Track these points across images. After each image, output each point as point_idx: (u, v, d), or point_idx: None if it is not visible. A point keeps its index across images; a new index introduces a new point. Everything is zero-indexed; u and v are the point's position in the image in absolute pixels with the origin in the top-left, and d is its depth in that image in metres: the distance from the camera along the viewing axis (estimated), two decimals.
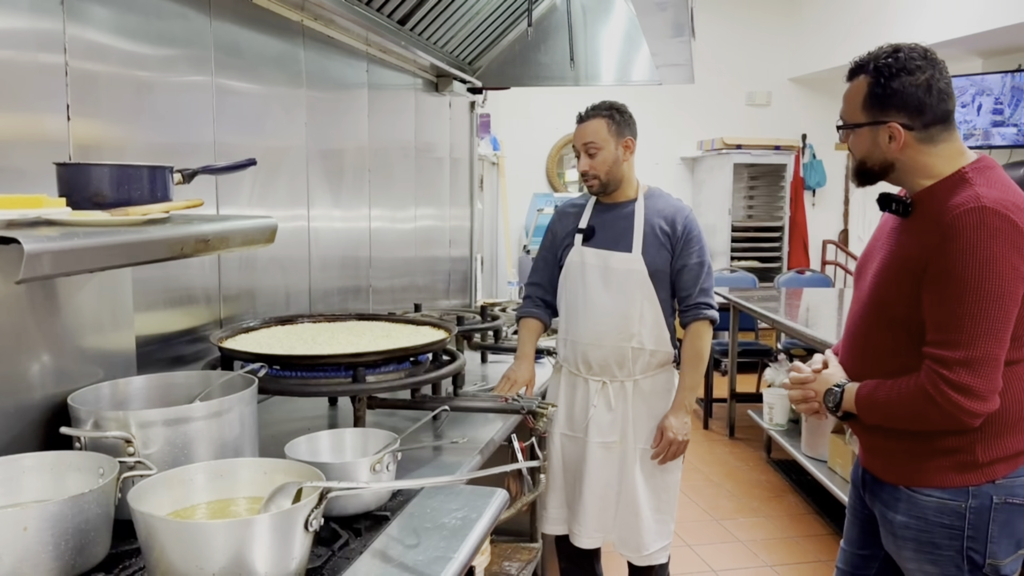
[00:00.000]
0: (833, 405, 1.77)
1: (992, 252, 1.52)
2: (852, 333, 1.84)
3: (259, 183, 2.33)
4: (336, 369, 1.87)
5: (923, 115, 1.63)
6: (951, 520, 1.67)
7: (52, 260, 1.03)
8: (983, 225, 1.53)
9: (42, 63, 1.55)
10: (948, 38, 5.40)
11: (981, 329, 1.54)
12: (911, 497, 1.72)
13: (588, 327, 2.53)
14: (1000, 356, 1.57)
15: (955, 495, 1.67)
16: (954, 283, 1.54)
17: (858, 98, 1.68)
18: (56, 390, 1.50)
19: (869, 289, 1.76)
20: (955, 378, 1.55)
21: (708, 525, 3.98)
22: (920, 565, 1.74)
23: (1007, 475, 1.66)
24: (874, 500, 1.85)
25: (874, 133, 1.67)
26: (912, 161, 1.67)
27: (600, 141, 2.45)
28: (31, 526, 1.11)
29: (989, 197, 1.56)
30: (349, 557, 1.32)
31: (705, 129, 7.37)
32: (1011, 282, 1.53)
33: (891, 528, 1.78)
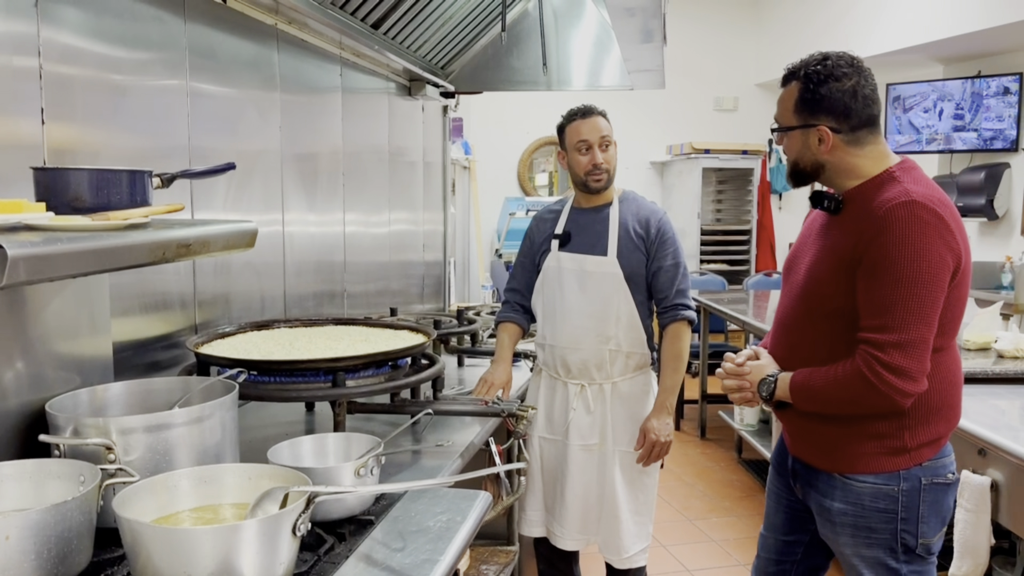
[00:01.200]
0: (767, 394, 1.84)
1: (922, 242, 1.63)
2: (784, 325, 1.92)
3: (234, 187, 2.31)
4: (315, 374, 1.86)
5: (849, 119, 1.74)
6: (886, 504, 1.76)
7: (35, 266, 1.02)
8: (914, 218, 1.63)
9: (16, 66, 1.53)
10: (910, 45, 5.53)
11: (913, 314, 1.64)
12: (846, 484, 1.80)
13: (566, 330, 2.54)
14: (930, 339, 1.67)
15: (888, 480, 1.76)
16: (888, 271, 1.64)
17: (790, 103, 1.79)
18: (32, 397, 1.47)
19: (802, 282, 1.85)
20: (889, 360, 1.65)
21: (681, 525, 4.02)
22: (856, 549, 1.82)
23: (932, 457, 1.77)
24: (808, 489, 1.91)
25: (805, 136, 1.78)
26: (841, 162, 1.77)
27: (612, 137, 2.52)
28: (13, 535, 1.10)
29: (917, 192, 1.67)
30: (335, 562, 1.32)
31: (674, 134, 7.45)
32: (939, 270, 1.64)
33: (828, 516, 1.84)
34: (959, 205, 5.65)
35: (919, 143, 5.96)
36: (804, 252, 1.89)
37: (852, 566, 1.85)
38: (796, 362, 1.83)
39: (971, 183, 5.56)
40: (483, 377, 2.48)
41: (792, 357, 1.85)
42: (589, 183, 2.52)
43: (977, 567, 2.22)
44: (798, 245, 1.95)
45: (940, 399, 1.77)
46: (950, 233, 1.65)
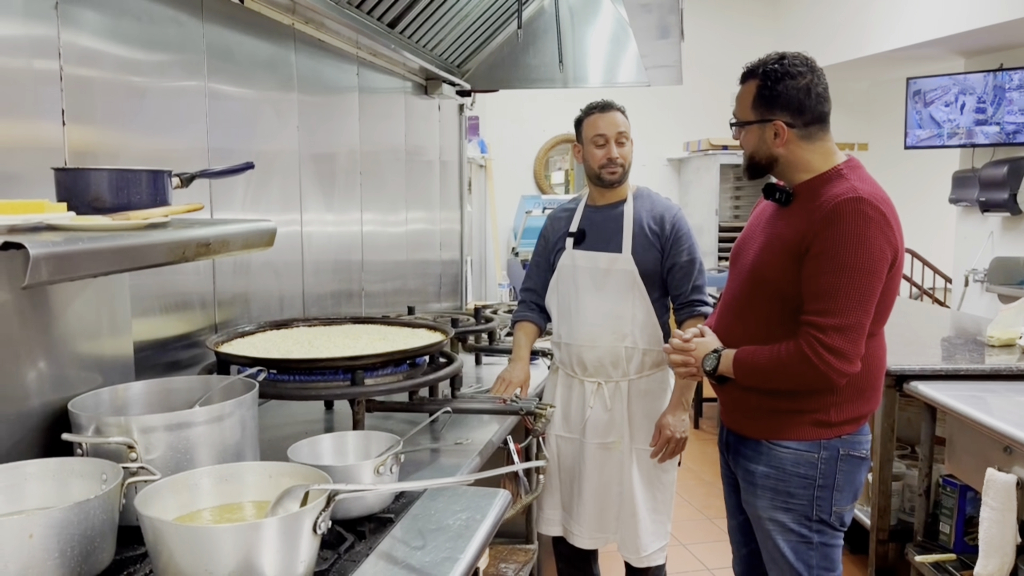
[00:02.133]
0: (711, 368, 1.97)
1: (866, 235, 1.76)
2: (730, 306, 2.05)
3: (252, 187, 2.32)
4: (334, 372, 1.87)
5: (803, 115, 1.87)
6: (805, 470, 1.93)
7: (57, 265, 1.03)
8: (859, 213, 1.77)
9: (37, 69, 1.54)
10: (931, 38, 5.46)
11: (853, 300, 1.78)
12: (771, 450, 1.96)
13: (582, 329, 2.54)
14: (867, 324, 1.82)
15: (810, 447, 1.92)
16: (833, 260, 1.77)
17: (748, 99, 1.92)
18: (55, 396, 1.49)
19: (749, 267, 1.97)
20: (829, 341, 1.78)
21: (701, 524, 3.99)
22: (773, 513, 1.97)
23: (852, 432, 1.94)
24: (736, 458, 2.06)
25: (762, 130, 1.90)
26: (793, 156, 1.90)
27: (629, 133, 2.52)
28: (36, 533, 1.10)
29: (864, 190, 1.81)
30: (355, 559, 1.32)
31: (691, 130, 7.40)
32: (879, 262, 1.78)
33: (751, 479, 2.00)
34: (981, 200, 5.59)
35: (940, 138, 5.89)
36: (752, 240, 2.01)
37: (766, 532, 1.99)
38: (738, 340, 1.96)
39: (994, 177, 5.48)
40: (501, 375, 2.48)
41: (735, 336, 1.98)
42: (603, 176, 2.51)
43: (1003, 566, 2.20)
44: (746, 233, 2.08)
45: (866, 381, 1.92)
46: (890, 229, 1.80)
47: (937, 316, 4.72)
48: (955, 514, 2.82)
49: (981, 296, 5.82)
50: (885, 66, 6.53)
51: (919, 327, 3.94)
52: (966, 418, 2.44)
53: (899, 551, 3.02)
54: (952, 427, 2.62)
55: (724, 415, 2.13)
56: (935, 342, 3.58)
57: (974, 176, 5.65)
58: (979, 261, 5.81)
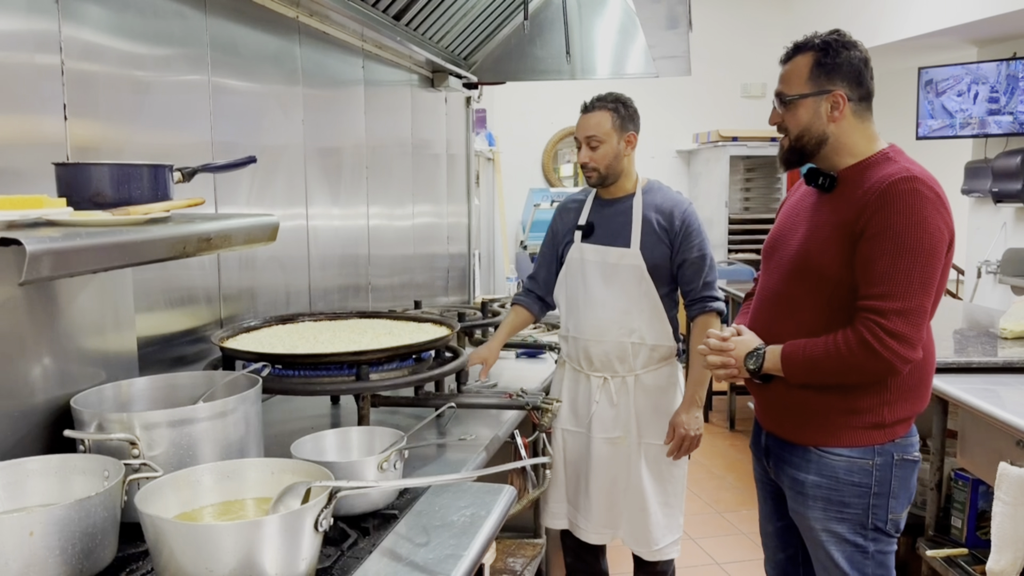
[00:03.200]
0: (755, 367, 1.84)
1: (924, 215, 1.69)
2: (770, 301, 1.94)
3: (257, 182, 2.31)
4: (339, 367, 1.86)
5: (861, 87, 1.81)
6: (860, 478, 1.82)
7: (54, 261, 1.02)
8: (915, 192, 1.70)
9: (38, 64, 1.53)
10: (943, 27, 5.40)
11: (915, 282, 1.69)
12: (821, 458, 1.84)
13: (589, 323, 2.52)
14: (928, 308, 1.73)
15: (864, 453, 1.81)
16: (892, 241, 1.69)
17: (803, 72, 1.82)
18: (59, 392, 1.48)
19: (793, 258, 1.87)
20: (891, 326, 1.69)
21: (711, 518, 3.98)
22: (826, 524, 1.86)
23: (904, 435, 1.84)
24: (781, 465, 1.94)
25: (817, 103, 1.81)
26: (843, 135, 1.82)
27: (602, 135, 2.43)
28: (37, 531, 1.10)
29: (917, 170, 1.74)
30: (359, 556, 1.31)
31: (700, 122, 7.35)
32: (938, 242, 1.70)
33: (801, 489, 1.88)
34: (994, 190, 5.52)
35: (952, 128, 5.83)
36: (792, 231, 1.92)
37: (819, 542, 1.88)
38: (781, 336, 1.84)
39: (1007, 168, 5.42)
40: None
41: (782, 330, 1.86)
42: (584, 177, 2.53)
43: (1016, 560, 2.17)
44: (782, 226, 1.98)
45: (918, 377, 1.83)
46: (946, 210, 1.73)
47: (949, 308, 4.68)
48: (967, 508, 2.79)
49: (994, 288, 5.76)
50: (896, 56, 6.46)
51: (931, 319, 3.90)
52: (978, 411, 2.41)
53: (910, 545, 3.00)
54: (964, 420, 2.59)
55: (763, 418, 2.00)
56: (947, 334, 3.55)
57: (987, 167, 5.59)
58: (992, 252, 5.75)
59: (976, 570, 2.59)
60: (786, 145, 1.88)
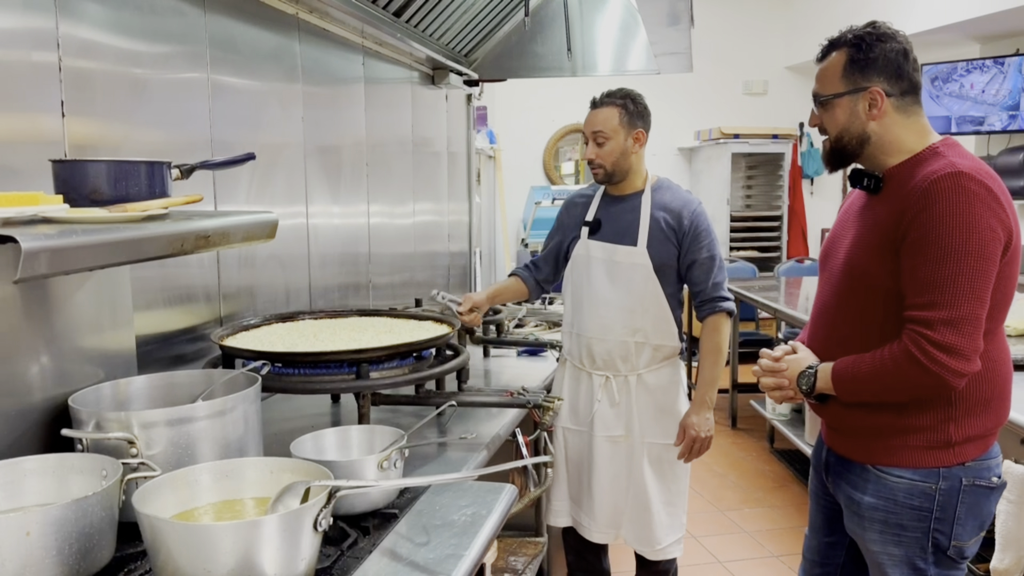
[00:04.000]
0: (808, 387, 1.74)
1: (971, 214, 1.54)
2: (825, 314, 1.83)
3: (257, 179, 2.30)
4: (339, 366, 1.85)
5: (901, 80, 1.68)
6: (920, 502, 1.67)
7: (50, 258, 1.01)
8: (960, 189, 1.55)
9: (35, 61, 1.53)
10: (946, 23, 5.38)
11: (963, 289, 1.55)
12: (880, 478, 1.71)
13: (593, 320, 2.51)
14: (982, 316, 1.58)
15: (926, 476, 1.67)
16: (935, 245, 1.56)
17: (837, 70, 1.71)
18: (56, 391, 1.47)
19: (842, 266, 1.77)
20: (939, 338, 1.55)
21: (713, 516, 3.97)
22: (885, 547, 1.73)
23: (977, 457, 1.67)
24: (839, 482, 1.83)
25: (853, 102, 1.70)
26: (887, 133, 1.69)
27: (609, 131, 2.41)
28: (34, 531, 1.09)
29: (963, 164, 1.59)
30: (359, 556, 1.30)
31: (702, 119, 7.34)
32: (990, 243, 1.55)
33: (857, 509, 1.76)
34: None
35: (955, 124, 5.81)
36: (842, 237, 1.81)
37: (878, 564, 1.77)
38: (841, 350, 1.73)
39: (1009, 165, 5.40)
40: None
41: (836, 346, 1.75)
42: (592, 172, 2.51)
43: (1020, 559, 2.16)
44: (835, 232, 1.88)
45: (990, 388, 1.67)
46: (1000, 206, 1.57)
47: None
48: None
49: None
50: None
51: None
52: None
53: None
54: None
55: (825, 434, 1.91)
56: None
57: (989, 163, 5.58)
58: None
59: (980, 569, 2.58)
60: (827, 147, 1.78)
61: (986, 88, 5.62)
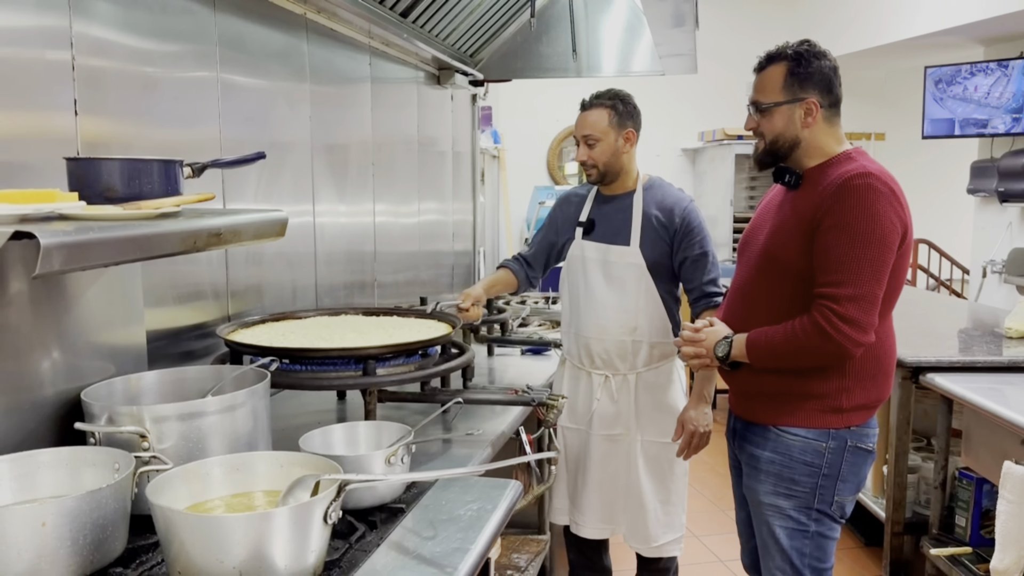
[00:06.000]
0: (723, 354, 1.96)
1: (877, 208, 1.80)
2: (740, 293, 2.06)
3: (265, 178, 2.32)
4: (346, 362, 1.87)
5: (831, 94, 1.93)
6: (812, 458, 1.93)
7: (68, 255, 1.03)
8: (870, 188, 1.81)
9: (49, 60, 1.54)
10: (949, 26, 5.39)
11: (866, 270, 1.80)
12: (779, 436, 1.97)
13: (590, 320, 2.53)
14: (879, 295, 1.83)
15: (819, 436, 1.93)
16: (845, 232, 1.80)
17: (777, 81, 1.93)
18: (68, 386, 1.49)
19: (760, 252, 1.99)
20: (844, 311, 1.79)
21: (715, 515, 3.98)
22: (774, 499, 1.98)
23: (860, 424, 1.95)
24: (743, 444, 2.07)
25: (791, 111, 1.93)
26: (815, 140, 1.94)
27: (599, 133, 2.44)
28: (49, 521, 1.11)
29: (873, 168, 1.86)
30: (366, 550, 1.32)
31: (706, 120, 7.35)
32: (890, 234, 1.81)
33: (755, 463, 2.01)
34: (1000, 190, 5.51)
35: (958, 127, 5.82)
36: (761, 227, 2.04)
37: (763, 517, 2.00)
38: (755, 324, 1.95)
39: (1013, 167, 5.41)
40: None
41: (750, 320, 1.97)
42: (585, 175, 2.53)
43: (1020, 559, 2.17)
44: (754, 223, 2.10)
45: (876, 366, 1.93)
46: (899, 204, 1.83)
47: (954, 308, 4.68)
48: (971, 507, 2.79)
49: (999, 287, 5.75)
50: (903, 55, 6.44)
51: (936, 319, 3.90)
52: (983, 410, 2.41)
53: (914, 544, 3.00)
54: (969, 419, 2.59)
55: (733, 403, 2.14)
56: (952, 334, 3.55)
57: (993, 166, 5.58)
58: (997, 252, 5.74)
59: (980, 569, 2.60)
60: (761, 148, 2.00)
61: (990, 91, 5.62)
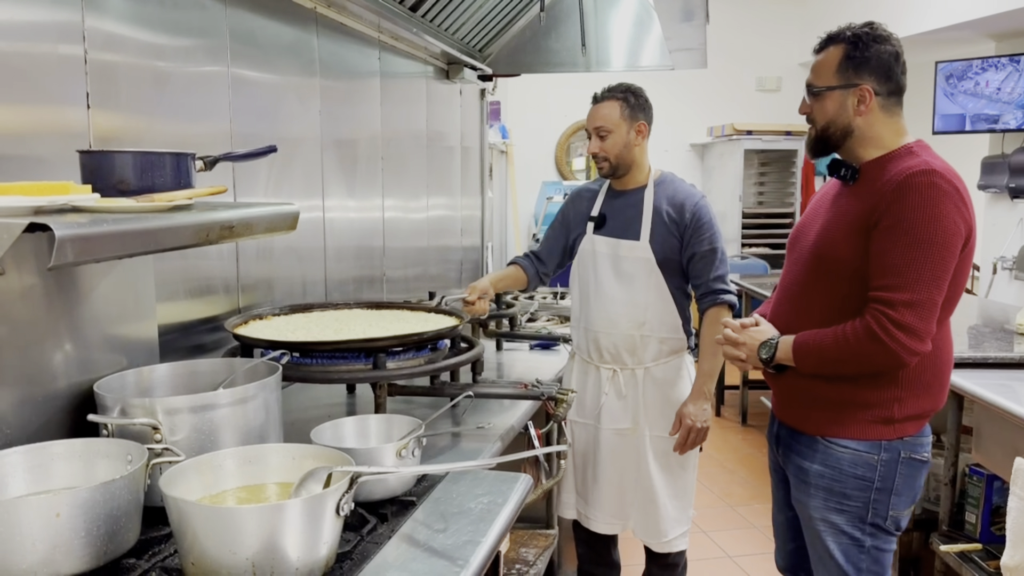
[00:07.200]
0: (768, 356, 1.86)
1: (940, 208, 1.68)
2: (788, 293, 1.96)
3: (275, 173, 2.33)
4: (356, 355, 1.87)
5: (890, 81, 1.81)
6: (863, 471, 1.82)
7: (82, 246, 1.03)
8: (933, 186, 1.69)
9: (62, 54, 1.55)
10: (961, 20, 5.35)
11: (925, 275, 1.68)
12: (827, 448, 1.85)
13: (599, 314, 2.53)
14: (939, 302, 1.72)
15: (870, 448, 1.82)
16: (905, 233, 1.69)
17: (832, 64, 1.83)
18: (81, 378, 1.50)
19: (812, 248, 1.89)
20: (899, 317, 1.68)
21: (723, 511, 3.98)
22: (825, 514, 1.87)
23: (914, 434, 1.83)
24: (788, 453, 1.96)
25: (844, 96, 1.82)
26: (869, 129, 1.82)
27: (611, 125, 2.44)
28: (63, 512, 1.12)
29: (937, 165, 1.73)
30: (378, 542, 1.33)
31: (715, 115, 7.33)
32: (953, 236, 1.69)
33: (804, 477, 1.90)
34: (1011, 186, 5.48)
35: (969, 122, 5.78)
36: (813, 223, 1.93)
37: (816, 532, 1.89)
38: (798, 327, 1.86)
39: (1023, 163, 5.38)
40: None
41: (794, 323, 1.88)
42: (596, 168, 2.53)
43: None
44: (805, 219, 2.00)
45: (932, 375, 1.81)
46: (964, 205, 1.71)
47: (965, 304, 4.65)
48: (981, 503, 2.78)
49: (1010, 284, 5.72)
50: (913, 50, 6.39)
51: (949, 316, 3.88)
52: (994, 407, 2.40)
53: (924, 540, 2.99)
54: (980, 416, 2.58)
55: (777, 408, 2.04)
56: (962, 330, 3.53)
57: (1004, 162, 5.55)
58: (1008, 248, 5.71)
59: (990, 565, 2.59)
60: (813, 134, 1.90)
61: (1001, 86, 5.59)
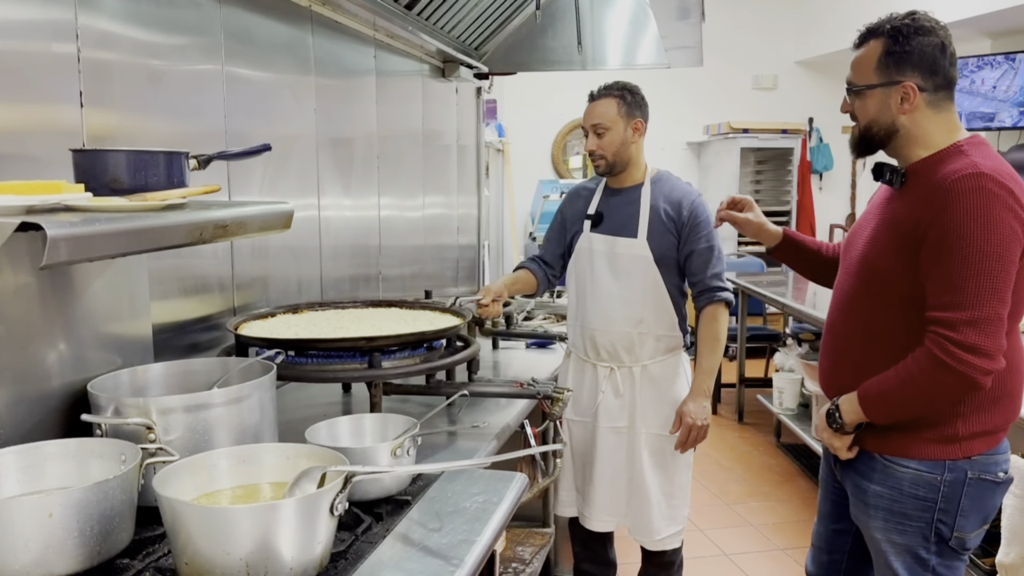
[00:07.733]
0: (838, 425, 1.76)
1: (991, 214, 1.54)
2: (839, 303, 1.85)
3: (270, 171, 2.32)
4: (351, 355, 1.87)
5: (935, 76, 1.66)
6: (925, 492, 1.69)
7: (74, 246, 1.03)
8: (982, 190, 1.55)
9: (55, 52, 1.54)
10: (956, 19, 5.36)
11: (985, 289, 1.54)
12: (887, 467, 1.73)
13: (596, 312, 2.53)
14: (1003, 315, 1.57)
15: (932, 468, 1.68)
16: (955, 247, 1.55)
17: (872, 60, 1.69)
18: (75, 378, 1.50)
19: (859, 259, 1.77)
20: (961, 338, 1.55)
21: (719, 509, 3.98)
22: (888, 535, 1.76)
23: (984, 452, 1.68)
24: (846, 470, 1.85)
25: (886, 94, 1.68)
26: (916, 127, 1.68)
27: (608, 122, 2.44)
28: (56, 512, 1.11)
29: (986, 165, 1.58)
30: (373, 541, 1.32)
31: (711, 113, 7.33)
32: (1010, 243, 1.55)
33: (863, 497, 1.79)
34: None
35: (965, 120, 5.79)
36: (863, 228, 1.81)
37: (881, 552, 1.79)
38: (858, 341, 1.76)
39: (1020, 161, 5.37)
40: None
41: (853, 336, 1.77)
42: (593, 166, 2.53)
43: None
44: (860, 222, 1.87)
45: (1001, 387, 1.67)
46: (1020, 206, 1.56)
47: None
48: None
49: None
50: None
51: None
52: None
53: None
54: None
55: None
56: None
57: None
58: None
59: (985, 563, 2.59)
60: (856, 134, 1.78)
61: (997, 84, 5.60)
